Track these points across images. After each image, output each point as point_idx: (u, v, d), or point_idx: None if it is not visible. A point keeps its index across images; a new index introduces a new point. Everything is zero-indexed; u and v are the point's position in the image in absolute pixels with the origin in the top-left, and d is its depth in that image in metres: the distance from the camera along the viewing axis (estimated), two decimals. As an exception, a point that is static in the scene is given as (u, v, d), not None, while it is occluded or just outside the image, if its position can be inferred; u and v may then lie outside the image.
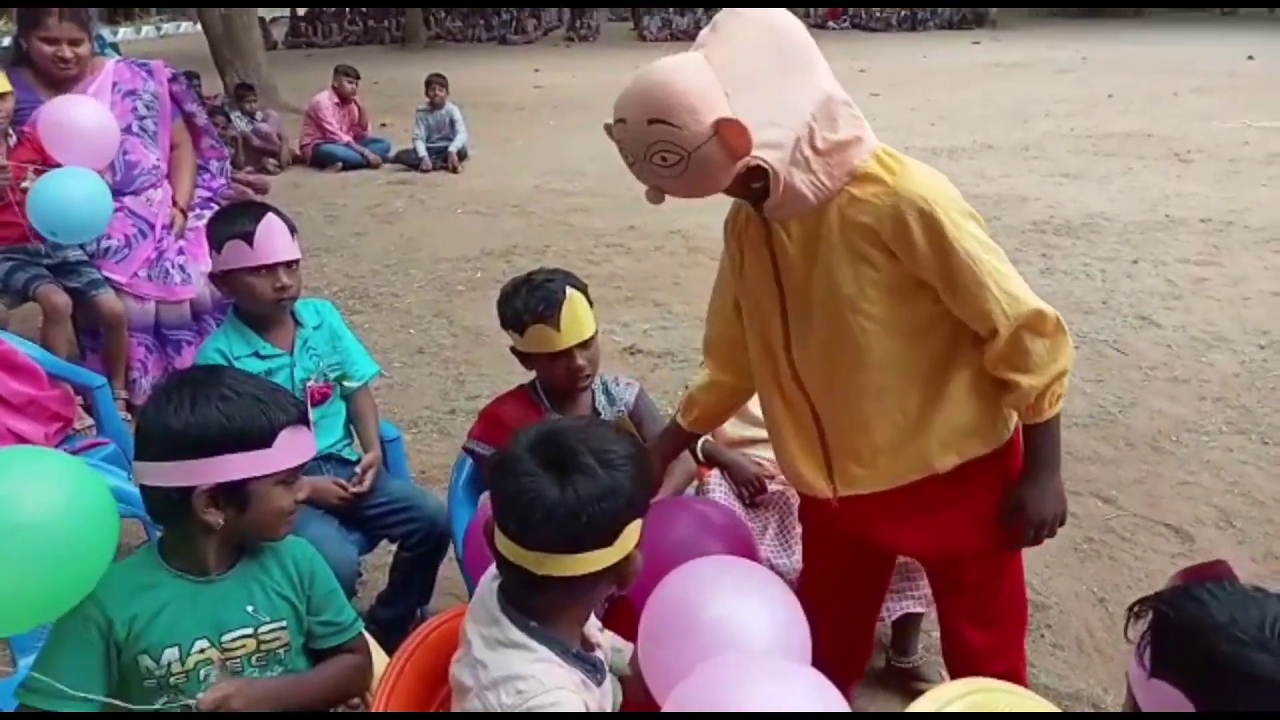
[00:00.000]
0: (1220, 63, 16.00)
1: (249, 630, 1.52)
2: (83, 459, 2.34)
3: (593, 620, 1.47)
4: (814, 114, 1.49)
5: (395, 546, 2.45)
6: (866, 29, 26.58)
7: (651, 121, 1.41)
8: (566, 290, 2.07)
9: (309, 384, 2.37)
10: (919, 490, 1.70)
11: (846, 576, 1.94)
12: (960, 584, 1.85)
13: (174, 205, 3.88)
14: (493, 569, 1.39)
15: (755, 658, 1.27)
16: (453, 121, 9.07)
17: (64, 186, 3.18)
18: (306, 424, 1.54)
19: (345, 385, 2.47)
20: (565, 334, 2.06)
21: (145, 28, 32.48)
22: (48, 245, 3.49)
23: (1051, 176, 8.06)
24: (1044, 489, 1.70)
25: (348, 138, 9.15)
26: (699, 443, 2.39)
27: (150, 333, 3.78)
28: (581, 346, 2.10)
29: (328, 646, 1.61)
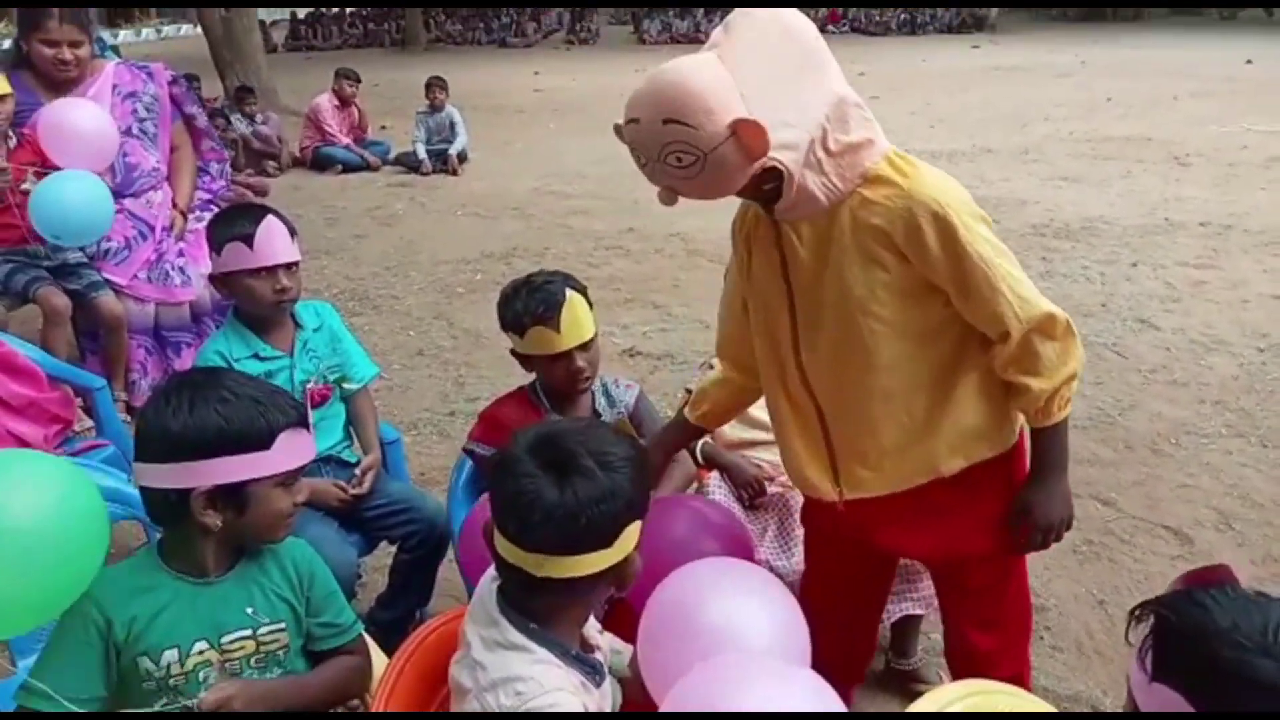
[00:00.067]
0: (1219, 67, 16.00)
1: (248, 632, 1.51)
2: (79, 461, 2.35)
3: (592, 622, 1.47)
4: (827, 115, 1.48)
5: (395, 548, 2.45)
6: (866, 32, 26.63)
7: (667, 121, 1.40)
8: (566, 292, 2.08)
9: (309, 386, 2.37)
10: (925, 494, 1.69)
11: (849, 579, 1.93)
12: (965, 587, 1.85)
13: (174, 207, 3.88)
14: (492, 570, 1.39)
15: (753, 658, 1.27)
16: (453, 124, 9.07)
17: (66, 190, 3.19)
18: (306, 426, 1.54)
19: (345, 387, 2.47)
20: (565, 336, 2.07)
21: (145, 30, 32.49)
22: (47, 247, 3.49)
23: (1051, 180, 8.06)
24: (1051, 493, 1.69)
25: (348, 140, 9.15)
26: (698, 444, 2.39)
27: (150, 335, 3.78)
28: (581, 348, 2.10)
29: (327, 648, 1.61)
